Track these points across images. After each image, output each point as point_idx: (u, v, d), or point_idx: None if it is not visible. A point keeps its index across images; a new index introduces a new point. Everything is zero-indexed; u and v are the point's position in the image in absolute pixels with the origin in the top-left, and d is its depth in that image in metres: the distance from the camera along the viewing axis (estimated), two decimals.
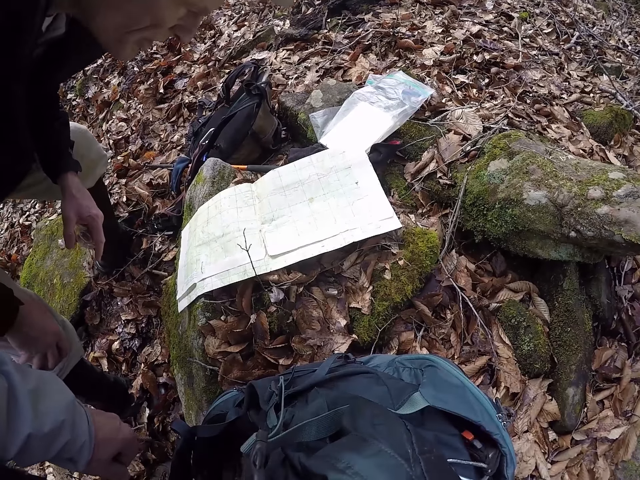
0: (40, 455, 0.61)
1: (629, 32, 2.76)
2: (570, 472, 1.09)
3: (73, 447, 0.65)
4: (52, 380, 0.66)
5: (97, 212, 1.07)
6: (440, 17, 2.23)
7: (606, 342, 1.30)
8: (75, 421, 0.66)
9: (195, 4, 0.61)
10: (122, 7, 0.58)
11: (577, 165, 1.20)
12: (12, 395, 0.54)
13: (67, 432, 0.64)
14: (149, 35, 0.64)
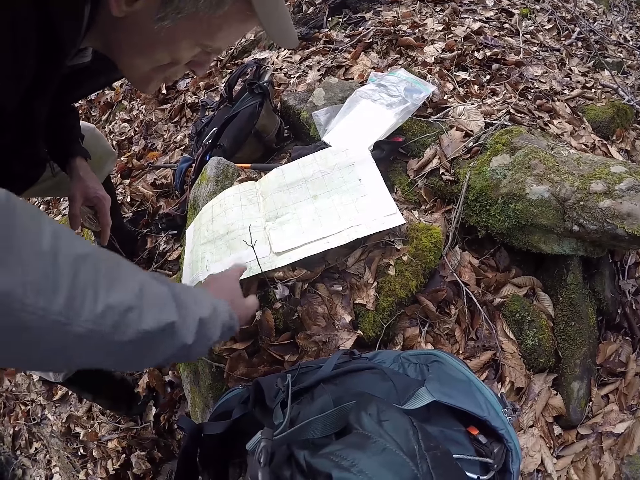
0: (213, 335, 0.66)
1: (630, 27, 2.76)
2: (576, 467, 1.09)
3: (228, 319, 0.71)
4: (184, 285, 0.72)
5: (104, 194, 1.09)
6: (441, 14, 2.23)
7: (610, 336, 1.30)
8: (215, 301, 0.70)
9: (209, 46, 0.69)
10: (146, 50, 0.67)
11: (579, 159, 1.20)
12: (175, 295, 0.58)
13: (220, 310, 0.70)
14: (170, 74, 0.73)
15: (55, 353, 0.45)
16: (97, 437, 1.64)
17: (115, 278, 0.49)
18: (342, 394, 0.74)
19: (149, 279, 0.56)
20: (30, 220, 0.42)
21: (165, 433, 1.54)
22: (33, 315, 0.39)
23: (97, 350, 0.48)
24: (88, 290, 0.45)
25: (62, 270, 0.42)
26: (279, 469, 0.60)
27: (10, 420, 1.97)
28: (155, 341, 0.53)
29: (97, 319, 0.45)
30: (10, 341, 0.40)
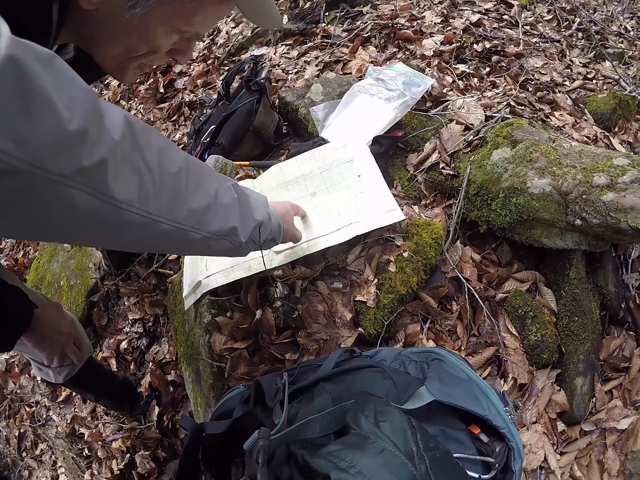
0: (259, 239, 0.79)
1: (630, 17, 2.72)
2: (580, 463, 1.09)
3: (277, 229, 0.87)
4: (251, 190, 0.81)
5: None
6: (439, 6, 2.21)
7: (614, 331, 1.29)
8: (271, 212, 0.84)
9: (186, 31, 0.67)
10: (120, 40, 0.64)
11: (581, 152, 1.18)
12: (241, 203, 0.72)
13: (273, 220, 0.84)
14: (147, 62, 0.71)
15: (147, 242, 0.60)
16: (101, 437, 1.65)
17: (198, 186, 0.61)
18: (341, 393, 0.73)
19: (223, 185, 0.69)
20: (142, 136, 0.52)
21: (169, 432, 1.54)
22: (136, 215, 0.52)
23: (177, 241, 0.61)
24: (179, 197, 0.58)
25: (162, 183, 0.54)
26: (278, 468, 0.60)
27: (15, 422, 1.98)
28: (219, 239, 0.68)
29: (182, 220, 0.59)
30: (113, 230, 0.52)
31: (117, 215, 0.50)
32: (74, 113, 0.42)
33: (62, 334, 1.03)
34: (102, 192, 0.47)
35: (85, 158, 0.44)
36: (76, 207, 0.46)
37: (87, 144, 0.44)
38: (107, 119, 0.47)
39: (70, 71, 0.44)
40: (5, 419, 2.03)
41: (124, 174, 0.49)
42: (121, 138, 0.48)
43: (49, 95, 0.40)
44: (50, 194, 0.43)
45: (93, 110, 0.45)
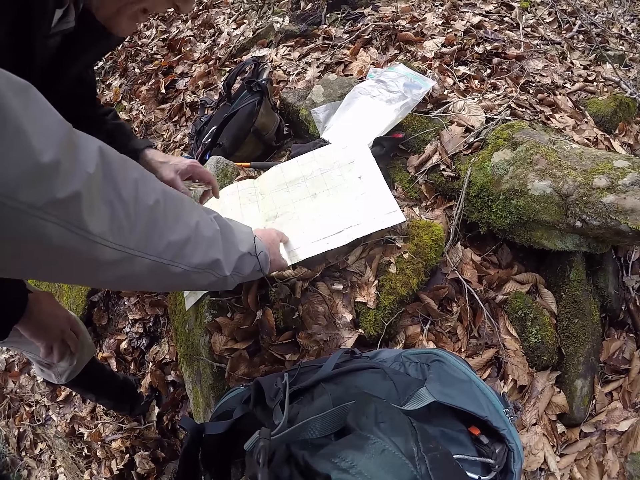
0: (245, 270, 0.79)
1: (631, 20, 2.72)
2: (579, 465, 1.09)
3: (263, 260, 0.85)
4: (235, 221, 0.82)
5: (190, 161, 1.11)
6: (440, 8, 2.22)
7: (614, 333, 1.29)
8: (257, 242, 0.84)
9: None
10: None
11: (581, 154, 1.19)
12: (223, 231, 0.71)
13: (258, 251, 0.83)
14: (147, 6, 0.69)
15: (127, 277, 0.57)
16: (101, 437, 1.65)
17: (177, 218, 0.60)
18: (341, 394, 0.73)
19: (204, 216, 0.68)
20: (117, 169, 0.51)
21: (169, 433, 1.54)
22: (111, 249, 0.50)
23: (157, 276, 0.60)
24: (156, 230, 0.56)
25: (138, 216, 0.53)
26: (279, 469, 0.60)
27: (15, 422, 1.98)
28: (202, 272, 0.66)
29: (160, 253, 0.57)
30: (87, 265, 0.51)
31: (92, 249, 0.49)
32: (46, 144, 0.41)
33: (57, 318, 1.01)
34: (76, 225, 0.46)
35: (58, 190, 0.43)
36: (49, 240, 0.45)
37: (60, 176, 0.43)
38: (81, 151, 0.47)
39: (45, 102, 0.44)
40: (4, 419, 2.03)
41: (98, 207, 0.48)
42: (95, 171, 0.47)
43: (20, 125, 0.39)
44: (22, 226, 0.42)
45: (67, 141, 0.44)
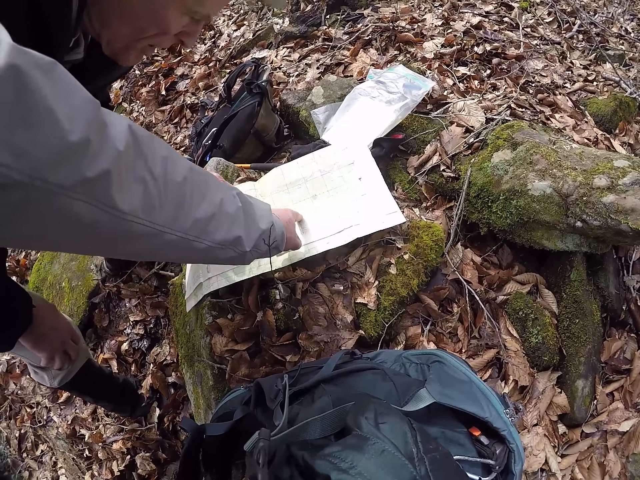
0: (263, 247, 0.80)
1: (631, 19, 2.72)
2: (581, 466, 1.08)
3: (280, 238, 0.88)
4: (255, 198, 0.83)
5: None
6: (440, 9, 2.22)
7: (615, 333, 1.29)
8: (275, 220, 0.86)
9: (198, 12, 0.67)
10: (132, 20, 0.64)
11: (581, 154, 1.18)
12: (245, 212, 0.73)
13: (277, 228, 0.85)
14: (154, 42, 0.70)
15: (151, 251, 0.59)
16: (102, 438, 1.65)
17: (202, 196, 0.62)
18: (342, 395, 0.73)
19: (227, 194, 0.69)
20: (147, 146, 0.52)
21: (170, 434, 1.54)
22: (141, 226, 0.52)
23: (182, 251, 0.62)
24: (183, 207, 0.58)
25: (167, 193, 0.54)
26: (279, 469, 0.60)
27: (16, 423, 1.98)
28: (224, 249, 0.68)
29: (187, 229, 0.59)
30: (116, 240, 0.52)
31: (122, 227, 0.50)
32: (75, 123, 0.41)
33: (59, 331, 1.03)
34: (105, 204, 0.46)
35: (87, 169, 0.43)
36: (80, 219, 0.45)
37: (89, 155, 0.43)
38: (110, 129, 0.46)
39: (72, 80, 0.44)
40: (6, 420, 2.03)
41: (128, 185, 0.48)
42: (125, 148, 0.47)
43: (49, 105, 0.39)
44: (52, 206, 0.42)
45: (95, 120, 0.44)
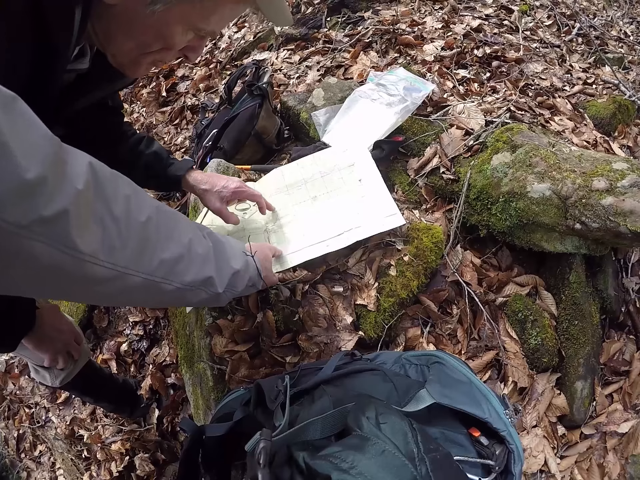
0: (238, 287, 0.78)
1: (630, 22, 2.73)
2: (580, 467, 1.09)
3: (256, 276, 0.85)
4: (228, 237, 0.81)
5: (234, 184, 1.11)
6: (440, 12, 2.22)
7: (614, 335, 1.29)
8: (249, 258, 0.83)
9: (203, 29, 0.67)
10: (136, 36, 0.65)
11: (580, 156, 1.19)
12: (216, 251, 0.70)
13: (251, 267, 0.82)
14: (159, 58, 0.70)
15: (118, 295, 0.56)
16: (100, 439, 1.65)
17: (170, 236, 0.59)
18: (342, 396, 0.73)
19: (198, 233, 0.67)
20: (108, 184, 0.50)
21: (169, 435, 1.54)
22: (102, 268, 0.49)
23: (149, 293, 0.59)
24: (148, 248, 0.55)
25: (129, 233, 0.52)
26: (279, 470, 0.60)
27: (14, 423, 1.98)
28: (195, 290, 0.65)
29: (152, 271, 0.56)
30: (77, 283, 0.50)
31: (82, 269, 0.47)
32: (31, 160, 0.40)
33: (62, 333, 1.04)
34: (64, 244, 0.44)
35: (44, 208, 0.41)
36: (38, 259, 0.43)
37: (47, 193, 0.41)
38: (69, 167, 0.45)
39: (32, 116, 0.43)
40: (4, 420, 2.02)
41: (87, 225, 0.46)
42: (85, 187, 0.45)
43: (4, 140, 0.38)
44: (8, 246, 0.41)
45: (54, 157, 0.43)
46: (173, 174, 1.07)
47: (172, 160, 1.09)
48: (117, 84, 0.89)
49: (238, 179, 1.13)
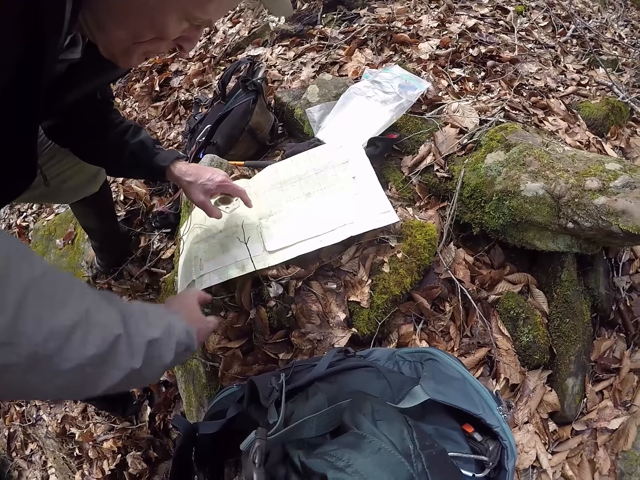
0: (165, 356, 0.64)
1: (624, 25, 2.76)
2: (571, 463, 1.10)
3: (185, 338, 0.69)
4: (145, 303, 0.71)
5: (220, 177, 1.08)
6: (436, 11, 2.23)
7: (605, 333, 1.30)
8: (173, 322, 0.69)
9: (199, 18, 0.64)
10: (128, 25, 0.62)
11: (573, 156, 1.20)
12: (124, 317, 0.56)
13: (176, 330, 0.68)
14: (152, 48, 0.67)
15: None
16: (92, 437, 1.63)
17: (62, 301, 0.48)
18: (336, 393, 0.73)
19: (99, 300, 0.54)
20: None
21: (161, 433, 1.53)
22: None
23: (40, 375, 0.46)
24: (33, 313, 0.44)
25: (9, 294, 0.42)
26: (274, 468, 0.60)
27: (5, 422, 1.96)
28: (101, 365, 0.52)
29: (40, 341, 0.44)
30: None
31: None
32: None
33: None
34: None
35: None
36: None
37: None
38: None
39: None
40: None
41: None
42: None
43: None
44: None
45: None
46: (158, 164, 1.06)
47: (157, 150, 1.07)
48: (109, 74, 0.87)
49: (224, 172, 1.12)
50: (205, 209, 1.09)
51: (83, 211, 1.50)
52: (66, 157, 1.14)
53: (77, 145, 1.07)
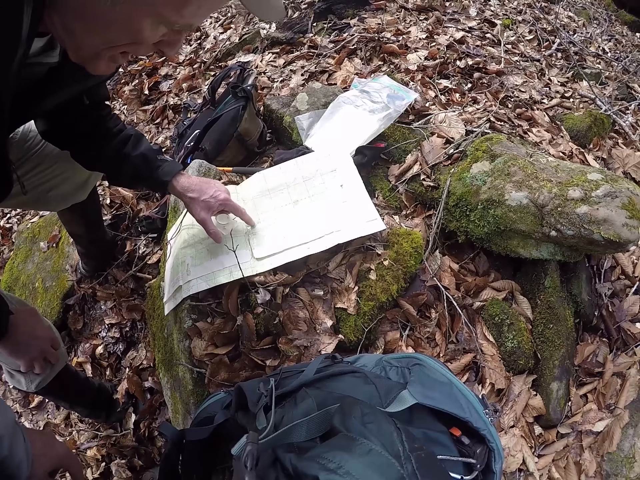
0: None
1: (608, 40, 2.84)
2: (557, 465, 1.11)
3: (11, 464, 0.64)
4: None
5: (223, 195, 1.08)
6: (425, 23, 2.27)
7: (588, 338, 1.33)
8: (14, 439, 0.65)
9: (176, 22, 0.59)
10: (98, 31, 0.58)
11: (557, 167, 1.23)
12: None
13: (5, 448, 0.63)
14: (128, 50, 0.63)
15: None
16: (75, 445, 1.60)
17: None
18: (325, 398, 0.74)
19: None
20: None
21: (146, 440, 1.50)
22: None
23: None
24: None
25: None
26: (264, 473, 0.60)
27: None
28: None
29: None
30: None
31: None
32: None
33: (38, 339, 1.00)
34: None
35: None
36: None
37: None
38: None
39: None
40: None
41: None
42: None
43: None
44: None
45: None
46: (160, 178, 1.04)
47: (159, 163, 1.05)
48: (94, 77, 0.83)
49: (226, 188, 1.11)
50: (205, 227, 1.08)
51: (69, 218, 1.48)
52: (55, 164, 1.12)
53: (75, 153, 1.04)
